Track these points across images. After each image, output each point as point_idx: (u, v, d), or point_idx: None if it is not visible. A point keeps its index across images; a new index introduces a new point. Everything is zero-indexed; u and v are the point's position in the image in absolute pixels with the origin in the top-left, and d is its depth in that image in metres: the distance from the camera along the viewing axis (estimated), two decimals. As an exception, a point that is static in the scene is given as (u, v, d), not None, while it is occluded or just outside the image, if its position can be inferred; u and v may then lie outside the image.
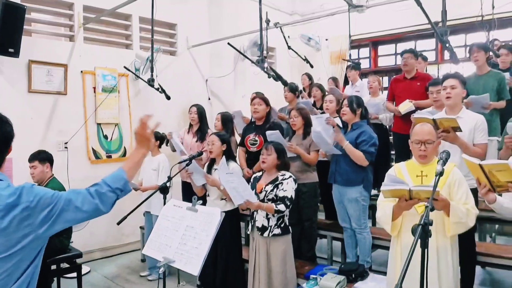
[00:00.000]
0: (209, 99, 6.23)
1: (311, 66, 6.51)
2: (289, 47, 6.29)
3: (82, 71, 4.90)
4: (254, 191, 3.10)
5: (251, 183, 3.24)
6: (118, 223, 2.56)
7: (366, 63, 7.64)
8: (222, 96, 6.28)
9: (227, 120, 4.61)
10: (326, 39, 7.39)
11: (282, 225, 3.07)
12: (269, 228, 3.06)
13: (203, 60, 6.20)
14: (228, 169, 3.15)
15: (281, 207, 2.98)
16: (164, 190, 2.85)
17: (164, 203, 2.65)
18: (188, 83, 5.96)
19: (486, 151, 2.88)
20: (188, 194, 4.12)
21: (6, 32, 3.93)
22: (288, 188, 3.03)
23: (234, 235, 3.56)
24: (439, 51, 6.65)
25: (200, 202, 2.43)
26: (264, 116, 4.20)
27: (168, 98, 4.71)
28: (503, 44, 4.95)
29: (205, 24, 6.19)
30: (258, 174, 3.31)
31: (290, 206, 3.04)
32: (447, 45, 3.05)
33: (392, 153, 5.24)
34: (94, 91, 4.97)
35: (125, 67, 4.90)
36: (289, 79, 5.51)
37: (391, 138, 5.19)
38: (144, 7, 4.43)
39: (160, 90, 4.63)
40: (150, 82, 4.52)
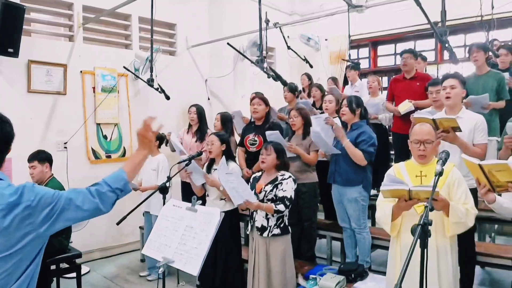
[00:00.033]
0: (208, 99, 6.23)
1: (311, 66, 6.50)
2: (288, 47, 6.29)
3: (81, 71, 4.89)
4: (254, 191, 3.10)
5: (250, 183, 3.24)
6: (118, 223, 2.56)
7: (365, 63, 7.63)
8: (221, 96, 6.28)
9: (227, 120, 4.61)
10: (326, 39, 7.39)
11: (282, 225, 3.07)
12: (268, 228, 3.05)
13: (203, 60, 6.20)
14: (228, 169, 3.15)
15: (280, 207, 2.97)
16: (163, 190, 2.85)
17: (164, 203, 2.65)
18: (188, 83, 5.96)
19: (486, 151, 2.88)
20: (188, 194, 4.12)
21: (6, 32, 3.93)
22: (287, 188, 3.02)
23: (233, 235, 3.56)
24: (439, 51, 6.65)
25: (200, 202, 2.43)
26: (263, 116, 4.20)
27: (168, 98, 4.72)
28: (503, 44, 4.96)
29: (204, 24, 6.19)
30: (258, 174, 3.31)
31: (290, 206, 3.03)
32: (447, 45, 3.05)
33: (391, 153, 5.24)
34: (94, 91, 4.97)
35: (124, 67, 4.90)
36: (288, 79, 5.51)
37: (390, 138, 5.19)
38: (144, 7, 4.44)
39: (159, 90, 4.63)
40: (150, 82, 4.53)
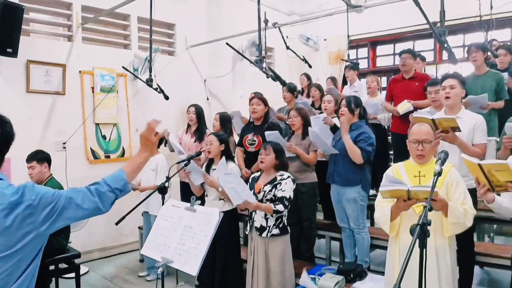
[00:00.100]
0: (207, 99, 6.23)
1: (310, 66, 6.50)
2: (287, 47, 6.28)
3: (80, 71, 4.89)
4: (253, 191, 3.10)
5: (249, 183, 3.23)
6: (117, 223, 2.56)
7: (364, 63, 7.64)
8: (220, 96, 6.27)
9: (226, 120, 4.62)
10: (325, 39, 7.40)
11: (281, 225, 3.07)
12: (267, 228, 3.05)
13: (202, 60, 6.19)
14: (227, 169, 3.15)
15: (279, 207, 2.97)
16: (162, 190, 2.85)
17: (163, 203, 2.65)
18: (187, 83, 5.95)
19: (485, 151, 2.88)
20: (187, 194, 4.12)
21: (5, 32, 3.92)
22: (286, 188, 3.02)
23: (232, 235, 3.56)
24: (438, 51, 6.65)
25: (199, 202, 2.43)
26: (262, 116, 4.20)
27: (167, 98, 4.72)
28: (501, 44, 4.96)
29: (203, 24, 6.18)
30: (257, 174, 3.30)
31: (289, 206, 3.03)
32: (446, 45, 3.05)
33: (390, 153, 5.24)
34: (93, 91, 4.96)
35: (123, 67, 4.90)
36: (287, 79, 5.49)
37: (389, 138, 5.20)
38: (143, 7, 4.43)
39: (158, 90, 4.63)
40: (149, 82, 4.53)
